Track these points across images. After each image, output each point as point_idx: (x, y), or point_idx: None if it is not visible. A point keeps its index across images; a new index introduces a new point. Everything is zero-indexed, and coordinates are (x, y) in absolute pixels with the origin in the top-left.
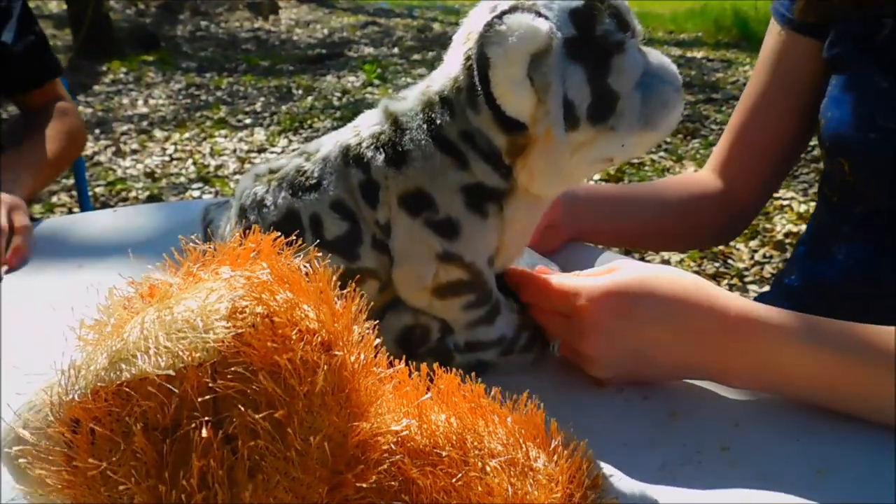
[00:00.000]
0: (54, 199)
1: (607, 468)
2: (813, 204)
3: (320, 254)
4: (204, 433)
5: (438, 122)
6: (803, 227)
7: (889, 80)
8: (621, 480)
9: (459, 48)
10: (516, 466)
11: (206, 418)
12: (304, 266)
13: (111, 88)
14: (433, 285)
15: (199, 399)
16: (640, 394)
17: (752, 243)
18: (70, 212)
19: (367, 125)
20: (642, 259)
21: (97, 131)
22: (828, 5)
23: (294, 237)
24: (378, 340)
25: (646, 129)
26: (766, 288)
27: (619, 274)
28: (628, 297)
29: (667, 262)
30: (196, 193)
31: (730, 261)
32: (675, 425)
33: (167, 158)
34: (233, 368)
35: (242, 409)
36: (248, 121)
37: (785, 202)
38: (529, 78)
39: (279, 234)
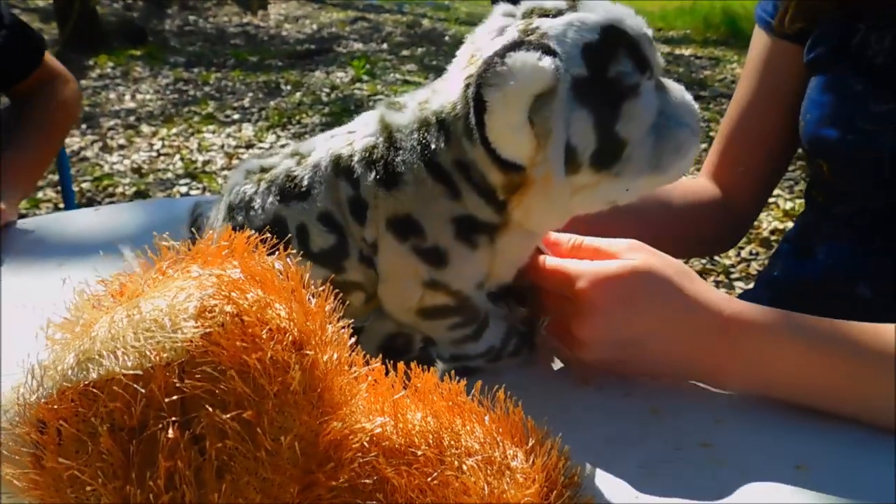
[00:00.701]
0: (40, 194)
1: (587, 465)
2: (799, 202)
3: (305, 262)
4: (171, 434)
5: (433, 146)
6: (789, 224)
7: (863, 83)
8: (600, 477)
9: (461, 70)
10: (493, 465)
11: (174, 419)
12: (277, 265)
13: (98, 83)
14: (418, 307)
15: (167, 399)
16: (622, 391)
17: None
18: (56, 207)
19: (361, 135)
20: None
21: (84, 126)
22: (812, 15)
23: (270, 238)
24: (353, 339)
25: (654, 173)
26: (752, 285)
27: (624, 261)
28: (631, 284)
29: None
30: (183, 189)
31: (716, 258)
32: (656, 422)
33: (154, 154)
34: (201, 368)
35: (210, 409)
36: (236, 116)
37: (771, 199)
38: (530, 119)
39: (262, 237)
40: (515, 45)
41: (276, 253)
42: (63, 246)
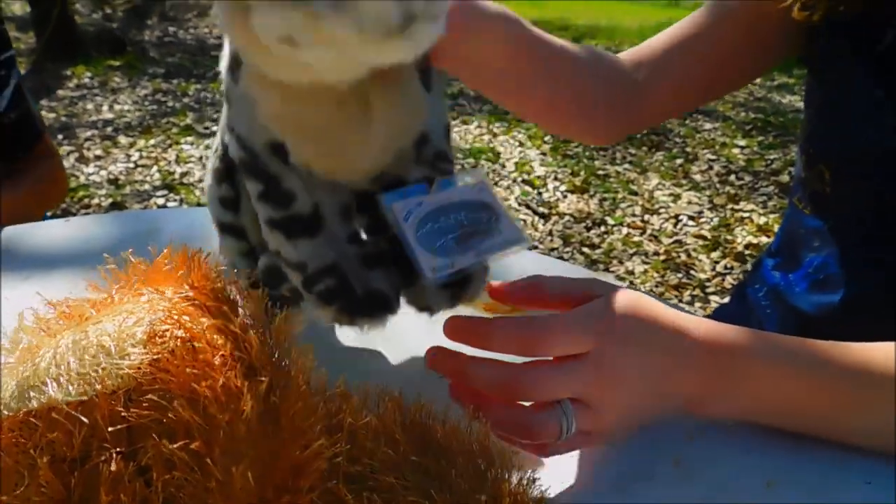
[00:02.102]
0: None
1: (557, 484)
2: (773, 216)
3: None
4: (113, 466)
5: None
6: (763, 238)
7: (886, 88)
8: (571, 497)
9: None
10: (460, 487)
11: (118, 449)
12: (234, 287)
13: (75, 93)
14: (238, 158)
15: (111, 429)
16: None
17: (714, 255)
18: None
19: None
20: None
21: (60, 136)
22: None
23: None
24: (316, 362)
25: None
26: (727, 299)
27: (597, 301)
28: (622, 324)
29: (631, 272)
30: (161, 201)
31: (692, 272)
32: (629, 440)
33: (132, 165)
34: (148, 396)
35: (157, 438)
36: (215, 128)
37: (745, 214)
38: None
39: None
40: None
41: (235, 272)
42: (31, 258)
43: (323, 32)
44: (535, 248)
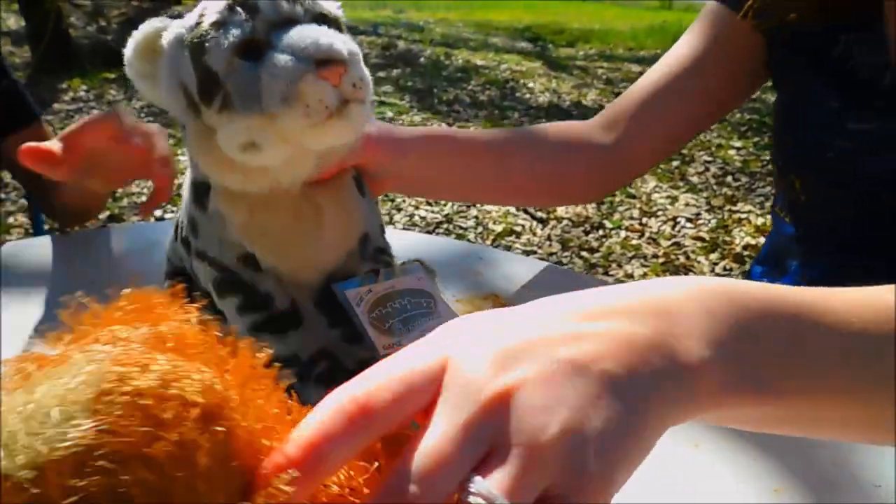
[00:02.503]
0: (10, 219)
1: None
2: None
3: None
4: None
5: None
6: (761, 239)
7: (841, 99)
8: None
9: None
10: None
11: None
12: (195, 318)
13: (71, 106)
14: (211, 279)
15: (65, 501)
16: None
17: (713, 256)
18: (27, 233)
19: None
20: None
21: None
22: (781, 17)
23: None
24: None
25: (276, 107)
26: None
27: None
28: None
29: (630, 276)
30: (157, 213)
31: (691, 273)
32: None
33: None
34: (100, 462)
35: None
36: None
37: (743, 215)
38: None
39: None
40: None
41: (195, 303)
42: (30, 274)
43: (277, 128)
44: (534, 252)
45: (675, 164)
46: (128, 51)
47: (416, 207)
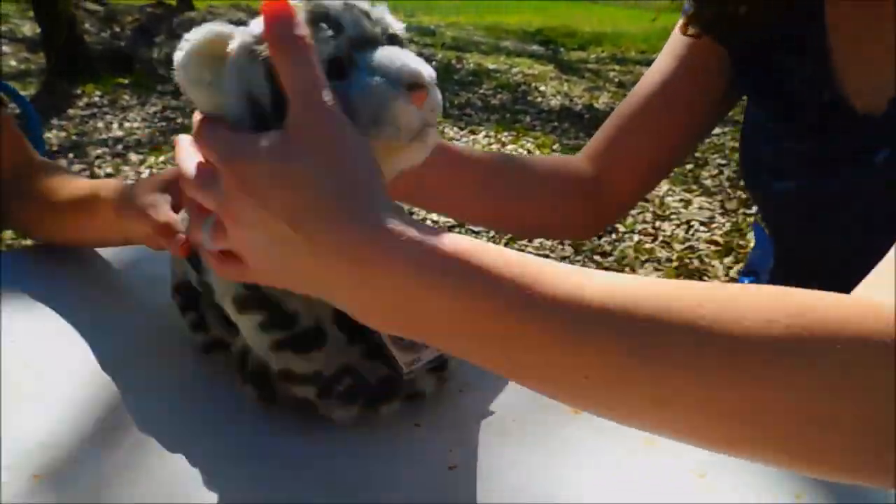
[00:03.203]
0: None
1: (578, 496)
2: None
3: None
4: None
5: None
6: None
7: (775, 119)
8: None
9: None
10: None
11: None
12: None
13: (85, 112)
14: (232, 294)
15: None
16: (614, 421)
17: (727, 260)
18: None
19: None
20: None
21: (71, 155)
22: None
23: None
24: None
25: (371, 128)
26: None
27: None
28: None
29: None
30: None
31: (706, 277)
32: (650, 453)
33: None
34: None
35: None
36: None
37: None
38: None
39: None
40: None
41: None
42: (41, 283)
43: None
44: (547, 256)
45: (688, 167)
46: (182, 56)
47: (429, 211)
